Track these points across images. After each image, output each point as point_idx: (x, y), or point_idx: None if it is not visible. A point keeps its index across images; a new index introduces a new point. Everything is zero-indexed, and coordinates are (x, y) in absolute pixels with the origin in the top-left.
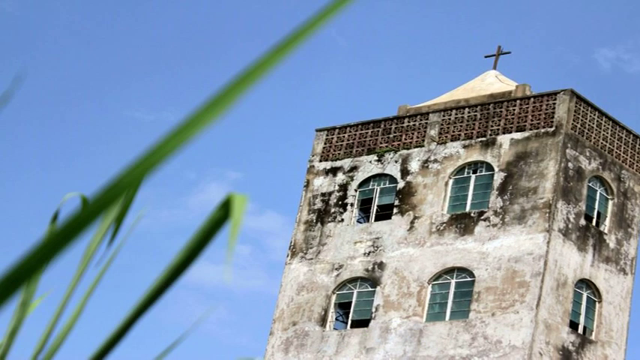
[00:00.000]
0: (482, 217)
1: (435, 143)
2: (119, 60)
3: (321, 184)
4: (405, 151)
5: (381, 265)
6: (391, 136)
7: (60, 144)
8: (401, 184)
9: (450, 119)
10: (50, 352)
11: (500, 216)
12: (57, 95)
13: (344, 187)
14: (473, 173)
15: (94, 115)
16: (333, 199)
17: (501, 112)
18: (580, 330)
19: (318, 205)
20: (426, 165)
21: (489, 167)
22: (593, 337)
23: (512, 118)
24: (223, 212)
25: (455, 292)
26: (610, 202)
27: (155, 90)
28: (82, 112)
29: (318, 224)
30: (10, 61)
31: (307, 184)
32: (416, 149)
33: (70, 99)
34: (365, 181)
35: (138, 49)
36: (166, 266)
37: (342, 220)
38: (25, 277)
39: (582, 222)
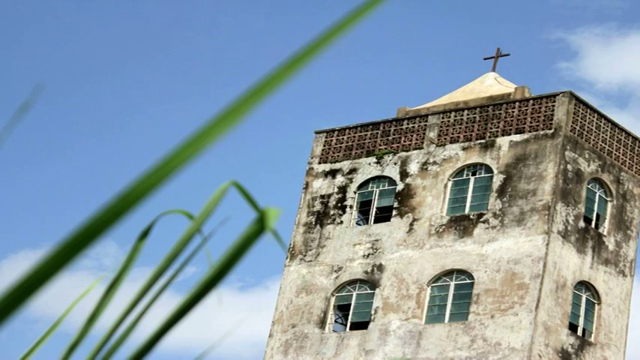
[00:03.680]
0: (481, 219)
1: (434, 145)
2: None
3: (320, 186)
4: (404, 153)
5: (380, 267)
6: (390, 138)
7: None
8: (400, 186)
9: (449, 121)
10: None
11: (500, 218)
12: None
13: (343, 189)
14: (472, 175)
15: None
16: (332, 201)
17: (500, 114)
18: (579, 332)
19: (317, 207)
20: (425, 167)
21: (488, 169)
22: (592, 340)
23: (512, 120)
24: (259, 226)
25: (454, 294)
26: (609, 204)
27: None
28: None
29: (317, 226)
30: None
31: (306, 186)
32: (415, 151)
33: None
34: (364, 183)
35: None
36: (203, 276)
37: (342, 222)
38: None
39: (581, 224)
